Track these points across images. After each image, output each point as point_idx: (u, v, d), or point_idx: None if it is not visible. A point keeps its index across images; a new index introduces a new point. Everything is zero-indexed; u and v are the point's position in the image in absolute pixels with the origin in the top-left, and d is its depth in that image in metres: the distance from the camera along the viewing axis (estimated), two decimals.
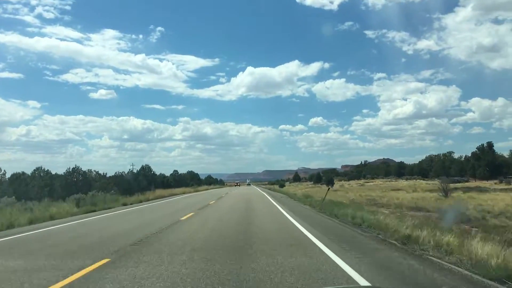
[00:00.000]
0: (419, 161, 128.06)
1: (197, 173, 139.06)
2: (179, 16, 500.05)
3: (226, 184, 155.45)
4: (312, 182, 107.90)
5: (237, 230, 10.98)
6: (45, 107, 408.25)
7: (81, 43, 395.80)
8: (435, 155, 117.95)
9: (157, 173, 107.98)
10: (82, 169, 59.11)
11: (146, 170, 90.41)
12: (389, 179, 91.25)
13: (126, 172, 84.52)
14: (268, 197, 33.70)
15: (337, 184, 75.53)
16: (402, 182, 77.10)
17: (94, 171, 67.48)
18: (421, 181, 79.21)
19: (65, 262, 6.86)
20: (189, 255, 7.14)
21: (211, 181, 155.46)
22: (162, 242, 8.82)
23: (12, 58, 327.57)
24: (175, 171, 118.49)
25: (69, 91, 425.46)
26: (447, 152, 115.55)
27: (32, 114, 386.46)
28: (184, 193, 51.30)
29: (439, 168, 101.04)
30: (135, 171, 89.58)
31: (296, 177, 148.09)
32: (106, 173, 69.53)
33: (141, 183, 77.84)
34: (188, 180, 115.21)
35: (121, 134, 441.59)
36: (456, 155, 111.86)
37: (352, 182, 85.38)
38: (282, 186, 70.16)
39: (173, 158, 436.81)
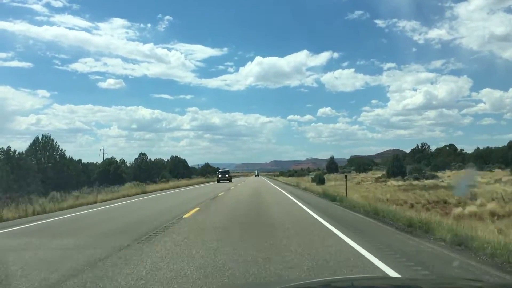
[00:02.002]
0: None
1: (184, 159, 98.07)
2: (187, 5, 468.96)
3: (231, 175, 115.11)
4: (381, 174, 58.29)
5: None
6: (54, 96, 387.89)
7: (89, 32, 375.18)
8: None
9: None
10: None
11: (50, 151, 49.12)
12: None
13: None
14: None
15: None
16: None
17: None
18: None
19: None
20: None
21: (209, 171, 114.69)
22: None
23: (21, 47, 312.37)
24: (143, 154, 77.97)
25: (78, 81, 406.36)
26: None
27: (42, 103, 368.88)
28: None
29: None
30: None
31: (333, 166, 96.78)
32: None
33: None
34: (168, 171, 74.79)
35: (130, 123, 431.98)
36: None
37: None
38: (322, 181, 31.28)
39: (182, 148, 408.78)
